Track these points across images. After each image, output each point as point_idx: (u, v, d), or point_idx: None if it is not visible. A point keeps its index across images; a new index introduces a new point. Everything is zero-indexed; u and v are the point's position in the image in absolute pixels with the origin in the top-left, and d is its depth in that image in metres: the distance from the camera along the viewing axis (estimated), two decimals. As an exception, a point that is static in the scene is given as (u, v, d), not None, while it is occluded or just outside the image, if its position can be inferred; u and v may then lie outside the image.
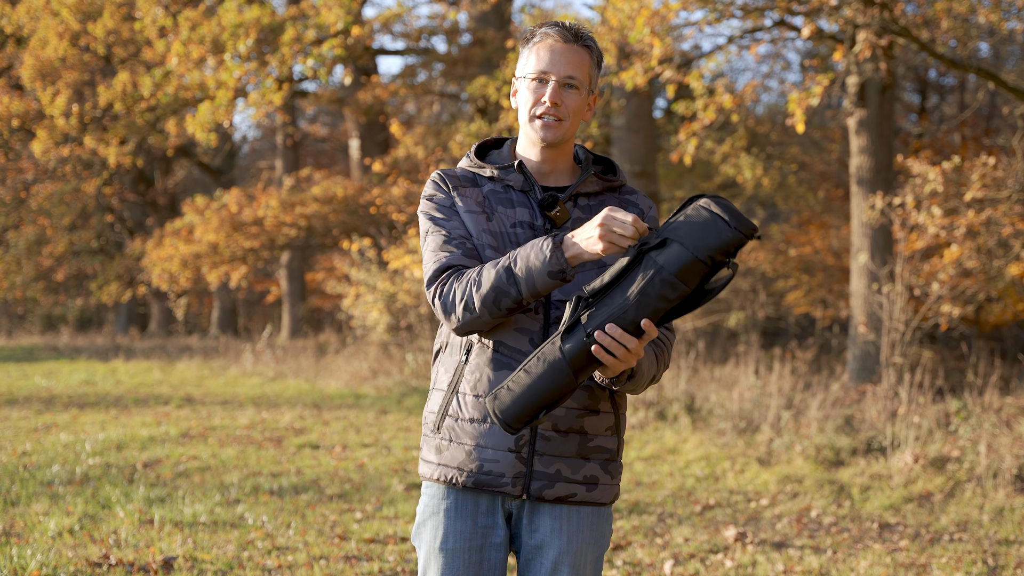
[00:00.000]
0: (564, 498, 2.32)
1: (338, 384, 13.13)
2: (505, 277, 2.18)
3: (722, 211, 2.05)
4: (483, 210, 2.36)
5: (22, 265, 21.35)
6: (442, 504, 2.36)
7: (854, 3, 8.77)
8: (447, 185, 2.39)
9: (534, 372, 2.12)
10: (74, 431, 9.00)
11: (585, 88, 2.36)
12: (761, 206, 21.40)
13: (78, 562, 4.70)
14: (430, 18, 20.15)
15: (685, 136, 9.85)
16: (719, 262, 2.07)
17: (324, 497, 6.38)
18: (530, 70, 2.35)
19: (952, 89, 19.84)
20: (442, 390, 2.37)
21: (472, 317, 2.24)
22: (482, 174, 2.42)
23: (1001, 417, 7.60)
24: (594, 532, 2.37)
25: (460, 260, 2.30)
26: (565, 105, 2.34)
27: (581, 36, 2.36)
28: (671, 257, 2.05)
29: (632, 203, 2.46)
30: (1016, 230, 9.75)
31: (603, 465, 2.36)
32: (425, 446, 2.40)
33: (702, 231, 2.05)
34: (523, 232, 2.34)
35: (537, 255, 2.15)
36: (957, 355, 13.82)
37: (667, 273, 2.05)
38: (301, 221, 17.39)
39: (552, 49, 2.34)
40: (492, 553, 2.35)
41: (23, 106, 16.85)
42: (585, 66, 2.36)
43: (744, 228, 2.04)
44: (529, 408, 2.12)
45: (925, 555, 5.29)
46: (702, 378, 10.49)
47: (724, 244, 2.04)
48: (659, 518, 6.03)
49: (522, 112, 2.38)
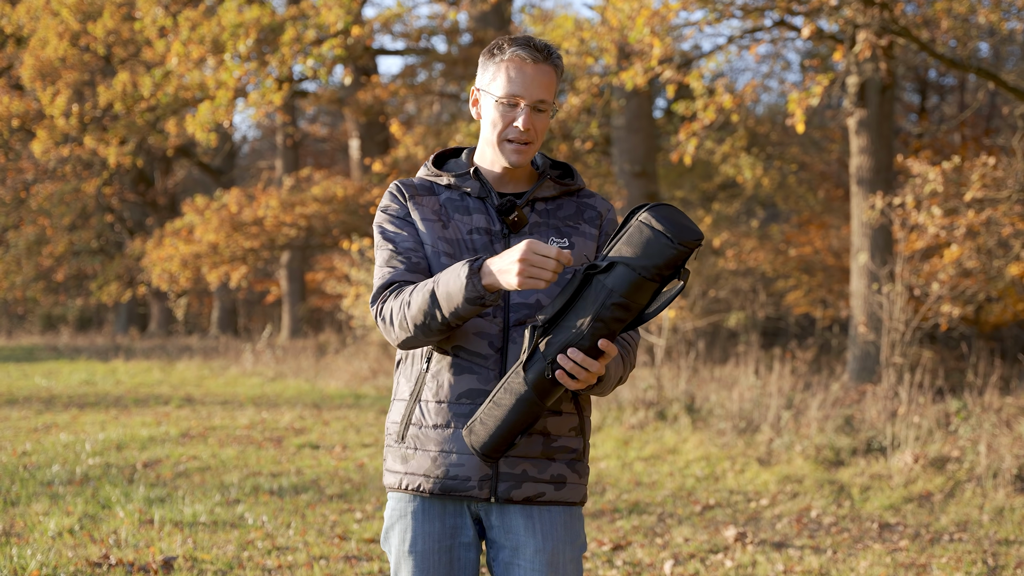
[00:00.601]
0: (533, 498, 2.33)
1: (338, 384, 13.13)
2: (430, 300, 2.20)
3: (663, 226, 2.05)
4: (439, 218, 2.37)
5: (22, 265, 21.36)
6: (409, 507, 2.36)
7: (854, 3, 8.77)
8: (403, 196, 2.40)
9: (503, 404, 2.17)
10: (74, 431, 9.00)
11: (551, 106, 2.37)
12: (761, 206, 21.40)
13: (78, 562, 4.70)
14: (430, 18, 20.16)
15: (685, 136, 9.85)
16: (668, 276, 2.09)
17: (324, 497, 6.39)
18: (499, 91, 2.33)
19: (952, 89, 19.84)
20: (404, 400, 2.39)
21: (409, 336, 2.27)
22: (439, 182, 2.43)
23: (1001, 417, 7.60)
24: (568, 530, 2.37)
25: (403, 276, 2.33)
26: (535, 129, 2.35)
27: (550, 54, 2.34)
28: (618, 279, 2.08)
29: (590, 206, 2.46)
30: (1016, 230, 9.75)
31: (570, 464, 2.37)
32: (389, 456, 2.40)
33: (645, 249, 2.06)
34: (480, 238, 2.35)
35: (455, 281, 2.16)
36: (957, 355, 13.82)
37: (617, 296, 2.08)
38: (301, 221, 17.39)
39: (522, 71, 2.32)
40: (462, 553, 2.36)
41: (23, 106, 16.85)
42: (553, 84, 2.36)
43: (686, 240, 2.05)
44: (503, 438, 2.19)
45: (925, 555, 5.29)
46: (702, 378, 10.49)
47: (667, 260, 2.06)
48: (659, 518, 6.03)
49: (489, 131, 2.37)
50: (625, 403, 9.55)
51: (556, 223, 2.41)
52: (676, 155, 10.15)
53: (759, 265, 16.93)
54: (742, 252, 16.90)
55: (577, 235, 2.41)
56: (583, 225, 2.43)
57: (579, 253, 2.39)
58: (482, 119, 2.40)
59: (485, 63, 2.38)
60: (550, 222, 2.40)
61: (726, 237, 17.03)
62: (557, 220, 2.41)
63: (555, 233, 2.39)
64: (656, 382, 9.62)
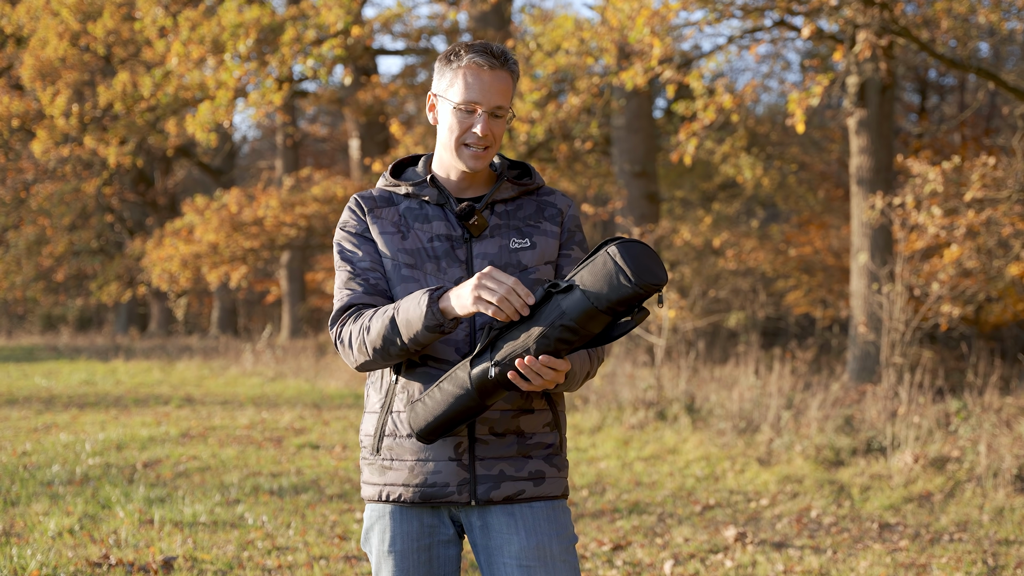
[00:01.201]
0: (513, 497, 2.33)
1: (338, 384, 13.13)
2: (390, 327, 2.23)
3: (627, 263, 2.07)
4: (398, 230, 2.38)
5: (22, 265, 21.35)
6: (387, 508, 2.38)
7: (854, 3, 8.77)
8: (362, 211, 2.41)
9: (446, 391, 2.22)
10: (74, 431, 9.00)
11: (508, 111, 2.38)
12: (761, 206, 21.40)
13: (78, 562, 4.70)
14: (430, 18, 20.15)
15: (685, 136, 9.85)
16: (622, 312, 2.11)
17: (324, 497, 6.39)
18: (457, 98, 2.34)
19: (952, 89, 19.84)
20: (375, 412, 2.39)
21: (367, 360, 2.30)
22: (397, 192, 2.44)
23: (1001, 417, 7.60)
24: (553, 523, 2.36)
25: (361, 299, 2.35)
26: (492, 134, 2.35)
27: (507, 60, 2.35)
28: (573, 304, 2.10)
29: (550, 203, 2.47)
30: (1016, 230, 9.75)
31: (547, 459, 2.38)
32: (366, 469, 2.41)
33: (604, 282, 2.08)
34: (441, 245, 2.36)
35: (415, 309, 2.19)
36: (957, 355, 13.83)
37: (568, 319, 2.10)
38: (301, 221, 17.39)
39: (479, 77, 2.32)
40: (441, 551, 2.37)
41: (23, 106, 16.84)
42: (510, 90, 2.37)
43: (645, 283, 2.06)
44: (440, 423, 2.23)
45: (925, 555, 5.29)
46: (702, 378, 10.49)
47: (623, 297, 2.08)
48: (659, 518, 6.03)
49: (447, 136, 2.38)
50: (625, 403, 9.55)
51: (516, 224, 2.41)
52: (676, 155, 10.15)
53: (759, 265, 16.93)
54: (742, 252, 16.91)
55: (539, 234, 2.41)
56: (544, 223, 2.43)
57: (541, 252, 2.40)
58: (439, 124, 2.41)
59: (442, 69, 2.38)
60: (511, 223, 2.41)
61: (726, 237, 17.04)
62: (517, 221, 2.41)
63: (516, 234, 2.39)
64: (656, 382, 9.62)
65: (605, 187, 17.05)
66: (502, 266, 2.35)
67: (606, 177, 16.99)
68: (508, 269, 2.35)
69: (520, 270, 2.36)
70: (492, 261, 2.35)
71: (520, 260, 2.37)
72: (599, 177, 17.13)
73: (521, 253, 2.38)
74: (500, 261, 2.36)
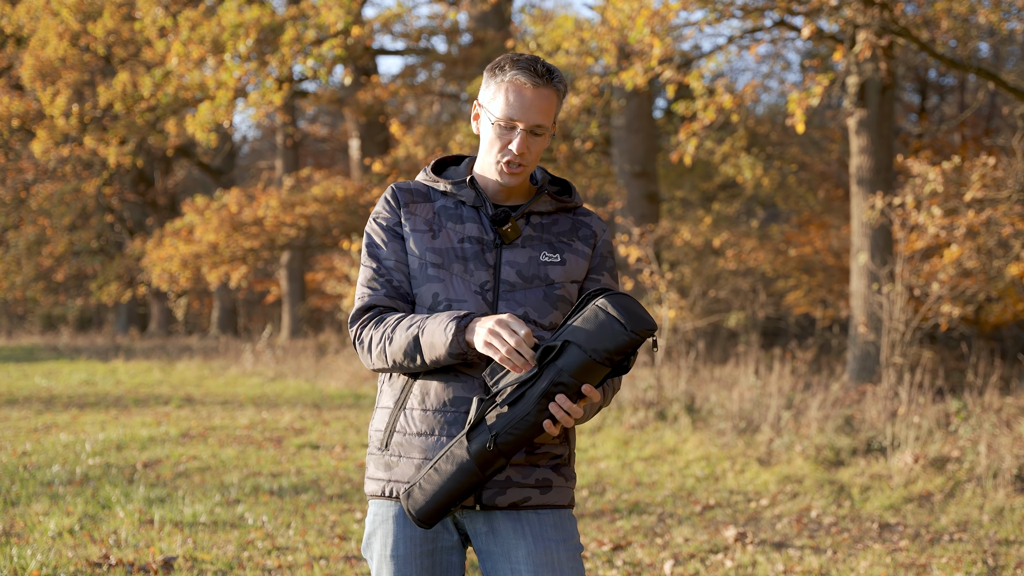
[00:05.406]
0: (518, 503, 2.33)
1: (338, 384, 13.13)
2: (412, 344, 2.25)
3: (619, 313, 2.14)
4: (429, 228, 2.38)
5: (22, 265, 21.34)
6: (390, 511, 2.36)
7: (854, 3, 8.77)
8: (397, 202, 2.41)
9: (444, 472, 2.22)
10: (74, 431, 9.00)
11: (550, 129, 2.37)
12: (761, 206, 21.40)
13: (78, 562, 4.70)
14: (430, 18, 20.16)
15: (685, 136, 9.85)
16: (618, 361, 2.16)
17: (324, 497, 6.39)
18: (498, 113, 2.33)
19: (952, 89, 19.84)
20: (388, 407, 2.39)
21: (385, 367, 2.33)
22: (436, 188, 2.44)
23: (1001, 417, 7.60)
24: (560, 531, 2.36)
25: (382, 301, 2.36)
26: (530, 152, 2.35)
27: (552, 76, 2.33)
28: (570, 359, 2.15)
29: (585, 224, 2.47)
30: (1016, 230, 9.75)
31: (555, 468, 2.37)
32: (372, 464, 2.41)
33: (599, 333, 2.14)
34: (471, 247, 2.36)
35: (441, 334, 2.21)
36: (957, 355, 13.82)
37: (566, 375, 2.15)
38: (301, 221, 17.39)
39: (521, 95, 2.31)
40: (444, 557, 2.36)
41: (23, 106, 16.84)
42: (553, 108, 2.36)
43: (640, 329, 2.13)
44: (441, 504, 2.24)
45: (925, 555, 5.29)
46: (702, 378, 10.49)
47: (619, 346, 2.14)
48: (659, 518, 6.03)
49: (486, 148, 2.39)
50: (625, 403, 9.55)
51: (550, 238, 2.41)
52: (676, 155, 10.15)
53: (759, 265, 16.93)
54: (742, 252, 16.91)
55: (570, 252, 2.41)
56: (577, 242, 2.43)
57: (569, 269, 2.40)
58: (481, 134, 2.41)
59: (488, 80, 2.38)
60: (544, 236, 2.40)
61: (726, 237, 17.03)
62: (551, 235, 2.41)
63: (548, 248, 2.39)
64: (656, 382, 9.62)
65: (605, 187, 17.05)
66: (529, 277, 2.35)
67: (606, 177, 16.99)
68: (535, 281, 2.36)
69: (547, 284, 2.36)
70: (520, 271, 2.35)
71: (548, 274, 2.37)
72: (599, 177, 17.13)
73: (550, 267, 2.38)
74: (528, 272, 2.36)
